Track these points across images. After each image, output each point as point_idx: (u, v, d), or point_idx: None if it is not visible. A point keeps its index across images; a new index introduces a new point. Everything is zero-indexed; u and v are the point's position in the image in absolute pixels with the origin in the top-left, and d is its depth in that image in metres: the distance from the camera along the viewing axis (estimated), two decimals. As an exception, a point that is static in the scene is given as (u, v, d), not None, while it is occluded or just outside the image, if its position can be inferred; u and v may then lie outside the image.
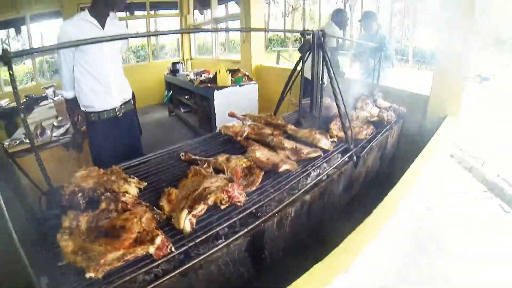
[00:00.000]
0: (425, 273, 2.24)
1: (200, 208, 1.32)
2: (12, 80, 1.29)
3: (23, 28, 7.50)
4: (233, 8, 8.65)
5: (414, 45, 29.33)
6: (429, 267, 2.42)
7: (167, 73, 7.54)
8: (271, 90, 5.33)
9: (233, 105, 4.26)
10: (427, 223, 3.18)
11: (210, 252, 1.29)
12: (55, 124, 3.64)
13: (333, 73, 2.24)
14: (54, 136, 3.24)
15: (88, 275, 1.10)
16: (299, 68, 2.64)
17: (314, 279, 1.12)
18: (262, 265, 1.12)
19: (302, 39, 2.35)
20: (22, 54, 1.38)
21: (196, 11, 9.49)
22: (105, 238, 1.24)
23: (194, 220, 1.31)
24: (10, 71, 1.24)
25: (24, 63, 8.69)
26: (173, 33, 8.83)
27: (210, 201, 1.36)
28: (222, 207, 1.40)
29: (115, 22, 2.59)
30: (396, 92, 3.79)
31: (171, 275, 1.20)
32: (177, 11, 9.40)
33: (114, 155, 2.45)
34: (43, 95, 5.76)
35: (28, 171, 1.49)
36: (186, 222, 1.28)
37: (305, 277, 1.13)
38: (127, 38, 2.67)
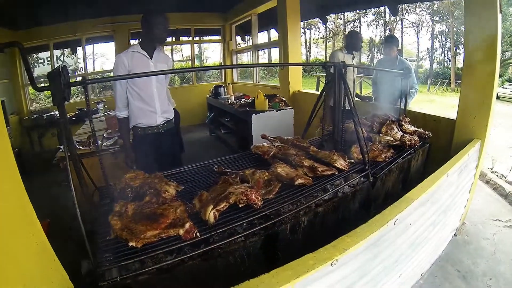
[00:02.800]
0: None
1: (223, 205, 1.66)
2: (87, 99, 1.74)
3: (78, 48, 8.44)
4: (275, 34, 9.08)
5: (456, 67, 28.28)
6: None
7: (209, 96, 7.95)
8: (307, 115, 5.53)
9: (269, 129, 4.45)
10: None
11: (228, 240, 1.60)
12: (105, 135, 4.14)
13: (352, 100, 2.49)
14: (104, 146, 3.72)
15: (130, 244, 1.44)
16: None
17: (303, 265, 1.36)
18: (276, 265, 1.38)
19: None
20: (96, 81, 1.82)
21: (238, 37, 9.96)
22: (146, 221, 1.59)
23: (217, 214, 1.63)
24: (86, 93, 1.70)
25: (76, 79, 9.48)
26: (211, 69, 9.33)
27: (232, 200, 1.69)
28: (240, 205, 1.71)
29: (161, 53, 3.06)
30: (424, 117, 3.90)
31: (194, 253, 1.51)
32: (220, 37, 9.95)
33: (155, 165, 2.74)
34: (94, 109, 6.31)
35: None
36: (210, 214, 1.61)
37: (296, 262, 1.38)
38: (172, 73, 3.14)
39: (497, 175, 5.27)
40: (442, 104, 17.71)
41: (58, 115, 5.92)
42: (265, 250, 1.74)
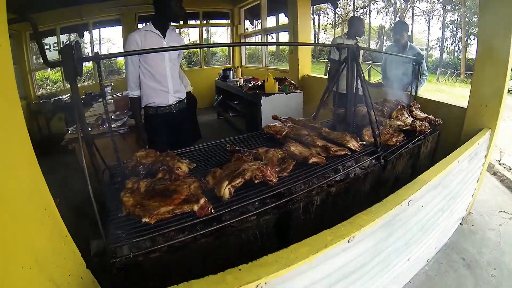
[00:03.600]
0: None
1: (238, 181, 1.64)
2: (100, 76, 1.69)
3: (85, 32, 8.31)
4: (283, 19, 9.00)
5: (466, 57, 27.90)
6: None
7: (218, 79, 7.90)
8: (317, 99, 5.51)
9: (278, 111, 4.32)
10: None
11: (244, 217, 1.60)
12: (113, 117, 4.12)
13: (365, 83, 2.47)
14: (113, 127, 3.68)
15: (144, 220, 1.44)
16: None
17: (321, 240, 1.37)
18: (288, 244, 1.39)
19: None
20: (110, 56, 1.79)
21: (247, 21, 9.88)
22: (159, 197, 1.57)
23: (232, 190, 1.61)
24: (99, 69, 1.65)
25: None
26: (222, 46, 9.28)
27: (247, 176, 1.67)
28: (256, 181, 1.70)
29: (173, 33, 3.03)
30: (434, 104, 3.87)
31: (208, 230, 1.51)
32: (229, 21, 9.87)
33: (167, 145, 2.75)
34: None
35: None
36: (225, 190, 1.60)
37: (313, 238, 1.40)
38: (184, 49, 3.11)
39: (504, 167, 5.26)
40: (451, 94, 17.52)
41: (65, 98, 5.89)
42: (278, 229, 1.75)
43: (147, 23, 2.91)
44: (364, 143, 2.50)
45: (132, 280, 1.41)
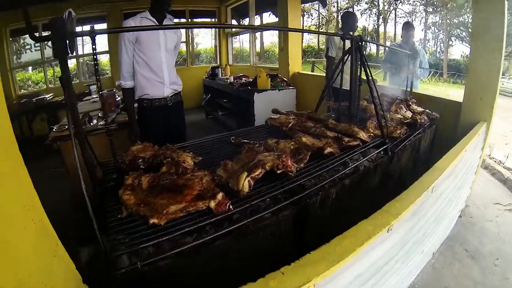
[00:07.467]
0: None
1: (258, 171, 1.48)
2: (94, 52, 1.53)
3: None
4: (267, 19, 8.99)
5: (448, 58, 28.66)
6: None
7: (206, 77, 7.83)
8: (308, 96, 5.51)
9: (271, 108, 4.34)
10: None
11: (263, 214, 1.43)
12: (100, 115, 4.00)
13: (371, 74, 2.42)
14: (100, 125, 3.59)
15: (151, 221, 1.21)
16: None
17: (363, 231, 1.29)
18: (304, 245, 1.27)
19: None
20: (104, 32, 1.69)
21: (233, 21, 9.82)
22: (167, 194, 1.37)
23: (252, 182, 1.45)
24: (93, 46, 1.48)
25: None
26: (228, 28, 9.18)
27: (268, 166, 1.51)
28: (278, 171, 1.56)
29: (170, 22, 2.98)
30: (429, 99, 3.90)
31: (227, 230, 1.31)
32: (214, 19, 9.77)
33: (161, 140, 2.64)
34: (86, 91, 6.29)
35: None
36: (245, 182, 1.42)
37: (354, 230, 1.31)
38: (178, 28, 3.25)
39: (495, 161, 5.40)
40: (436, 93, 17.93)
41: (48, 98, 5.69)
42: (295, 227, 1.62)
43: (144, 11, 2.81)
44: (371, 134, 2.45)
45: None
